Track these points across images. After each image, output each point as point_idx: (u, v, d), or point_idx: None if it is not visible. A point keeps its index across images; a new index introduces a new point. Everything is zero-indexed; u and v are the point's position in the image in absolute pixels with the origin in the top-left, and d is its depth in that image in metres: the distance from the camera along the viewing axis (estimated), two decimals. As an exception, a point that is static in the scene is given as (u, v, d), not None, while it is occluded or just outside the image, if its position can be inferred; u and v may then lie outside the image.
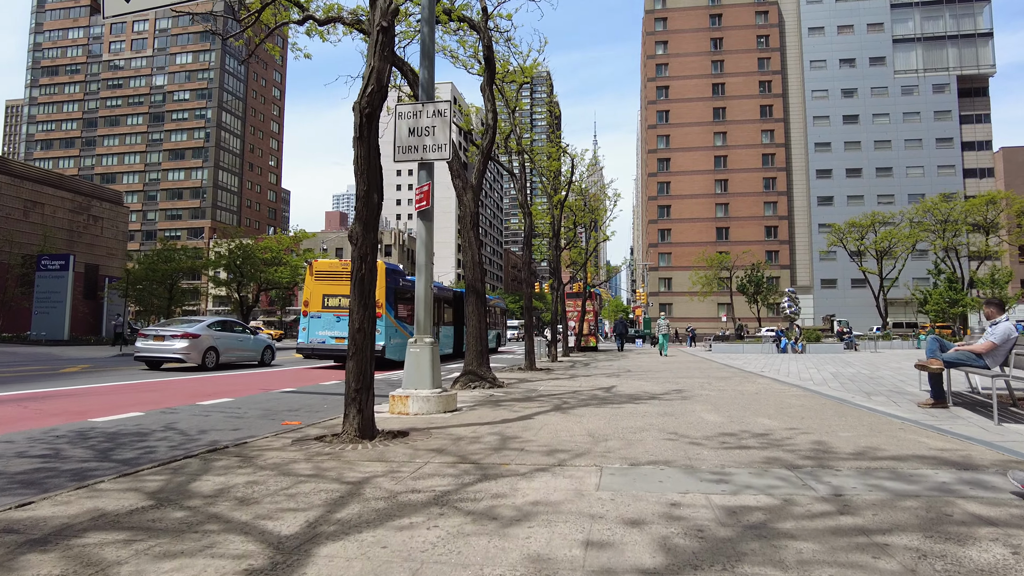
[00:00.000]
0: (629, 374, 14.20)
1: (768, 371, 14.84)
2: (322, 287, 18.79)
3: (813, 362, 19.14)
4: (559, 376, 13.73)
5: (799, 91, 73.47)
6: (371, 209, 5.73)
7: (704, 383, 11.32)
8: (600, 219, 27.76)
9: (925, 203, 44.00)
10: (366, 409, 5.52)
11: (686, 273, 69.13)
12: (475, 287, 10.85)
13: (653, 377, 13.13)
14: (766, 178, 72.61)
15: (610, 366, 17.75)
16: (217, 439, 6.29)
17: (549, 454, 4.74)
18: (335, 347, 18.46)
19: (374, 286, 5.78)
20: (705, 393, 9.52)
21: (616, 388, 10.54)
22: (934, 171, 68.43)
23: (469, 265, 10.97)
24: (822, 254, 60.24)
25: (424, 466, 4.38)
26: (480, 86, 11.74)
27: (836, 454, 4.66)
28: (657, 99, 76.13)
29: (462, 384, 10.42)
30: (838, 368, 15.76)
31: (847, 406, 7.65)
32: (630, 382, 11.84)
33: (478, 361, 10.71)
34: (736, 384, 11.08)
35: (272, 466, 4.40)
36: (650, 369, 16.13)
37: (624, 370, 15.76)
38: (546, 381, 12.25)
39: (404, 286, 19.97)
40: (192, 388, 11.36)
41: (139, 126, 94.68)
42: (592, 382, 11.91)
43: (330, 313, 18.63)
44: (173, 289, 33.88)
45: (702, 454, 4.72)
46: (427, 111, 7.64)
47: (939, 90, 69.64)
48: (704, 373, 14.26)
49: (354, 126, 5.76)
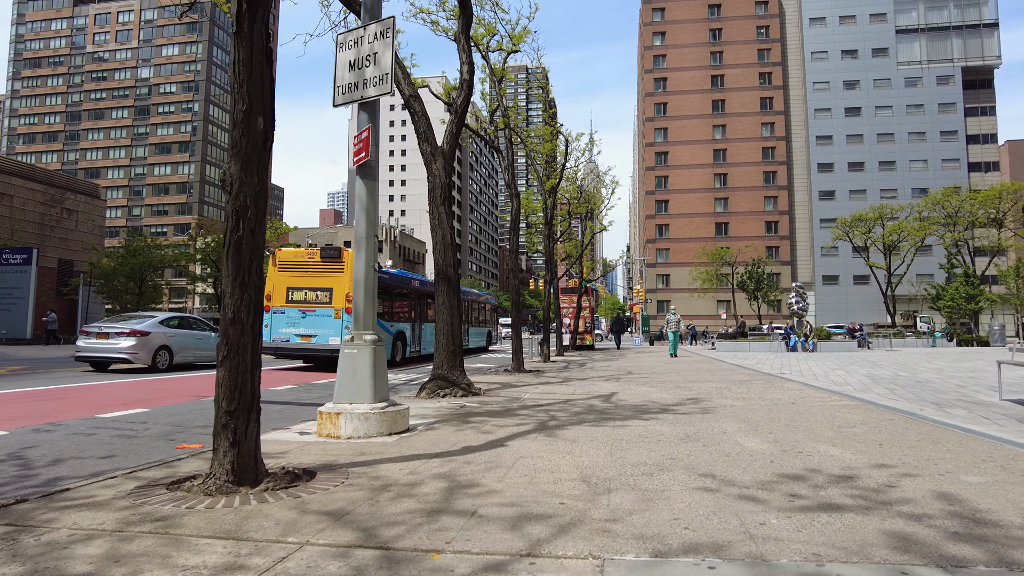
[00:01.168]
0: (631, 377, 12.32)
1: (790, 372, 12.98)
2: (286, 279, 16.88)
3: (834, 362, 17.30)
4: (550, 380, 11.84)
5: (800, 83, 71.71)
6: (254, 140, 3.84)
7: (723, 389, 9.45)
8: (597, 207, 25.87)
9: (934, 195, 42.15)
10: (244, 442, 3.63)
11: (685, 269, 67.36)
12: (445, 273, 8.95)
13: (659, 381, 11.25)
14: (766, 172, 70.84)
15: (608, 367, 15.88)
16: (62, 475, 4.47)
17: (514, 527, 2.85)
18: (300, 346, 16.56)
19: (259, 256, 3.86)
20: (729, 403, 7.65)
21: (617, 396, 8.66)
22: (938, 165, 66.76)
23: (439, 247, 9.07)
24: (826, 248, 58.20)
25: (290, 556, 2.49)
26: (454, 35, 9.84)
27: (998, 524, 2.78)
28: (655, 91, 74.27)
29: (428, 392, 8.53)
30: (869, 369, 13.92)
31: (928, 424, 5.79)
32: (633, 387, 9.97)
33: (449, 363, 8.82)
34: (761, 390, 9.21)
35: (36, 552, 2.50)
36: (654, 371, 14.26)
37: (624, 372, 13.89)
38: (534, 386, 10.37)
39: (378, 277, 18.06)
40: (113, 395, 9.45)
41: (124, 119, 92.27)
42: (588, 387, 10.03)
43: (295, 308, 16.73)
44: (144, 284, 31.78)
45: (768, 523, 2.84)
46: (369, 34, 5.75)
47: (943, 82, 67.94)
48: (718, 376, 12.40)
49: (232, 17, 3.85)
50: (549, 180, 20.43)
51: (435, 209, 8.94)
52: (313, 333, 16.51)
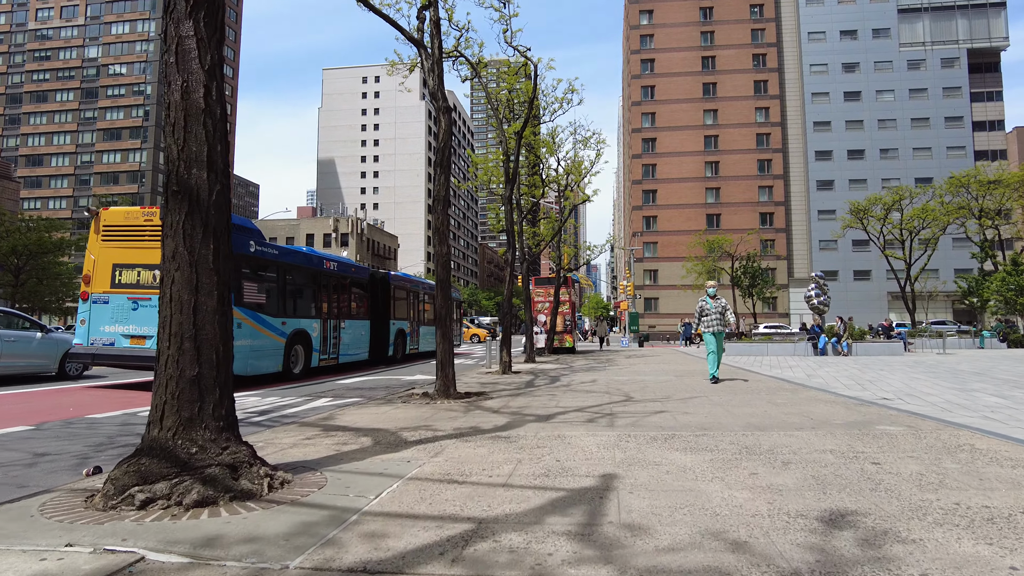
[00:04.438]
0: (636, 415, 6.90)
1: (878, 392, 7.68)
2: (113, 252, 11.26)
3: (906, 372, 12.05)
4: (480, 424, 6.36)
5: (796, 65, 67.01)
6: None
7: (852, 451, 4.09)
8: (578, 175, 20.48)
9: (959, 176, 37.29)
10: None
11: (675, 264, 62.37)
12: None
13: (696, 429, 5.85)
14: (761, 160, 66.00)
15: (593, 385, 10.44)
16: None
17: None
18: (129, 353, 10.94)
19: None
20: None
21: (621, 508, 3.23)
22: (943, 152, 62.43)
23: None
24: (838, 234, 52.22)
25: None
26: None
27: None
28: (642, 73, 69.12)
29: (111, 495, 3.06)
30: (978, 383, 8.67)
31: None
32: (654, 453, 4.56)
33: (186, 409, 3.34)
34: (926, 447, 3.89)
35: None
36: (669, 395, 8.84)
37: (621, 398, 8.47)
38: (427, 451, 4.90)
39: (261, 252, 12.49)
40: None
41: (70, 103, 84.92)
42: (544, 460, 4.58)
43: (123, 295, 11.11)
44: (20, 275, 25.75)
45: None
46: None
47: (948, 64, 63.63)
48: (778, 403, 7.06)
49: None
50: (513, 124, 15.04)
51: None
52: (148, 334, 10.88)
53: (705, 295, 10.46)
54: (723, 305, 10.23)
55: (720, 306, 10.22)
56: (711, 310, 10.19)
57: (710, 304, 10.23)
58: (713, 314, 10.16)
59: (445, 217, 8.65)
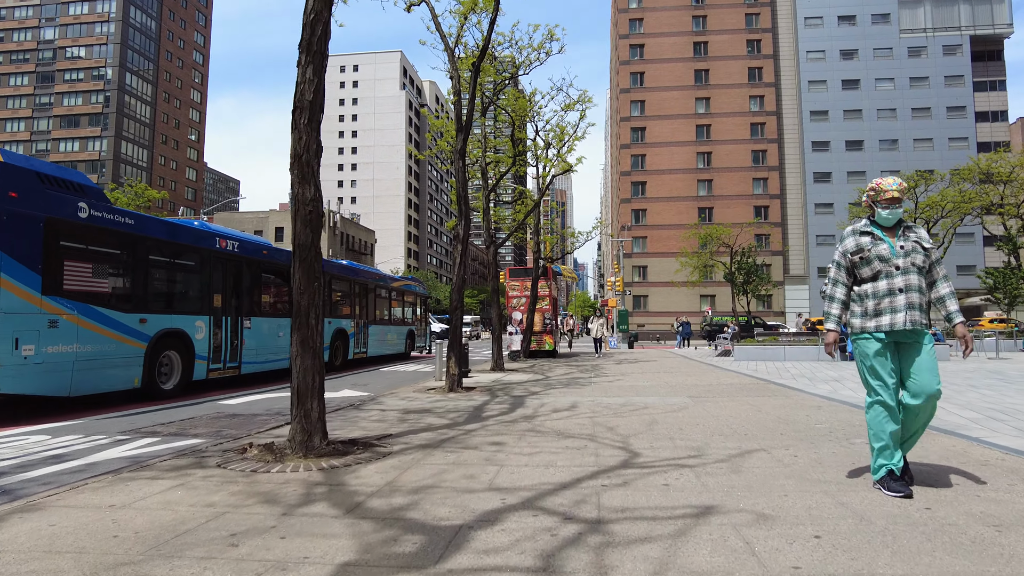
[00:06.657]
0: (642, 500, 3.25)
1: None
2: None
3: (980, 382, 8.57)
4: (320, 526, 2.65)
5: (792, 52, 63.92)
6: None
7: None
8: (560, 142, 16.84)
9: (978, 161, 34.22)
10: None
11: (665, 260, 59.06)
12: None
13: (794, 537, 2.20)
14: (755, 151, 62.82)
15: (572, 412, 6.75)
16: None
17: None
18: None
19: None
20: None
21: None
22: (945, 144, 59.62)
23: None
24: (843, 224, 49.74)
25: None
26: None
27: None
28: (631, 60, 65.67)
29: None
30: None
31: None
32: None
33: None
34: None
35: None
36: (699, 441, 5.22)
37: (613, 443, 4.81)
38: None
39: (99, 220, 8.76)
40: None
41: (24, 87, 79.82)
42: None
43: None
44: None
45: None
46: None
47: (950, 52, 60.84)
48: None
49: None
50: (470, 58, 11.43)
51: None
52: None
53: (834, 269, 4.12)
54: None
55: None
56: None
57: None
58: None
59: (316, 134, 4.98)
